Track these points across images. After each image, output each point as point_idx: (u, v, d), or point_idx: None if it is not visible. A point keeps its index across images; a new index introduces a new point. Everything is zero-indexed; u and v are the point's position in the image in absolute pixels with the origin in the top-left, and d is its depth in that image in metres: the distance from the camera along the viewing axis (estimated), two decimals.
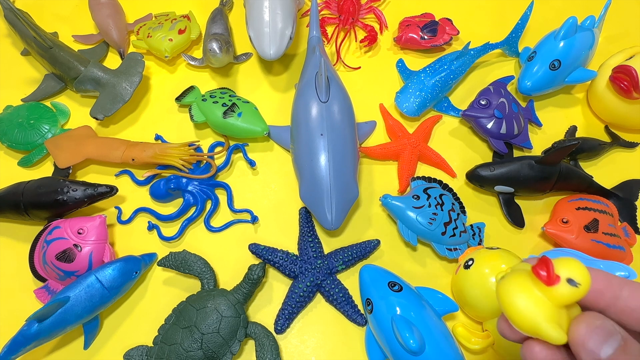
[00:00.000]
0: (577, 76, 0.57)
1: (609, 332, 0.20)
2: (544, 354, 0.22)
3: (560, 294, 0.21)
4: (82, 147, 0.54)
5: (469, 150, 0.57)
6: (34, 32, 0.57)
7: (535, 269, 0.21)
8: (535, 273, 0.21)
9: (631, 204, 0.53)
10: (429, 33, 0.62)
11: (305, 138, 0.49)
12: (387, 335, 0.40)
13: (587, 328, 0.20)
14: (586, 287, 0.20)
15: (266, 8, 0.55)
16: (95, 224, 0.47)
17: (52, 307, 0.42)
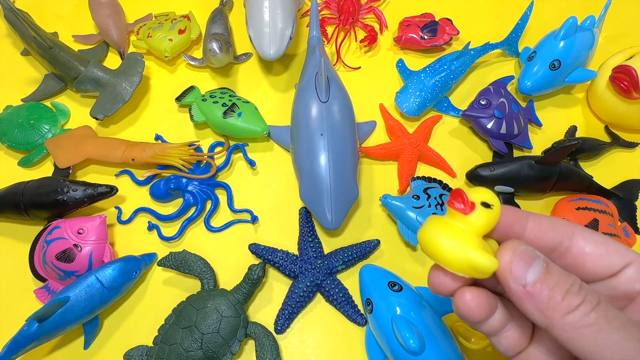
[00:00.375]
0: (577, 76, 0.57)
1: (532, 256, 0.20)
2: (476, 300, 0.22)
3: (480, 219, 0.21)
4: (82, 147, 0.54)
5: (469, 150, 0.57)
6: (34, 32, 0.57)
7: (451, 202, 0.21)
8: (452, 206, 0.21)
9: (631, 204, 0.53)
10: (429, 33, 0.62)
11: (305, 138, 0.49)
12: (387, 335, 0.40)
13: (512, 254, 0.20)
14: (498, 207, 0.21)
15: (266, 8, 0.55)
16: (95, 224, 0.47)
17: (52, 307, 0.42)
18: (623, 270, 0.21)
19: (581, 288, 0.19)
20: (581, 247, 0.21)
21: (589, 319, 0.18)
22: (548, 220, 0.22)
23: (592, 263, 0.21)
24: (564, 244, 0.21)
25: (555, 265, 0.20)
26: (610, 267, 0.21)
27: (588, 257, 0.21)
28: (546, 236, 0.22)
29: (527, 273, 0.20)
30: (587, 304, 0.19)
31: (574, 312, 0.19)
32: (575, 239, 0.21)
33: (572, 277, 0.20)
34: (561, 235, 0.21)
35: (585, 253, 0.21)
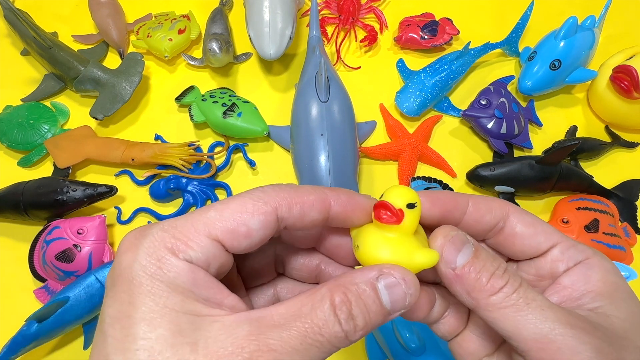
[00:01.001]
0: (577, 76, 0.57)
1: (462, 241, 0.21)
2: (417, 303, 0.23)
3: (409, 222, 0.21)
4: (81, 147, 0.54)
5: (469, 150, 0.57)
6: (33, 32, 0.57)
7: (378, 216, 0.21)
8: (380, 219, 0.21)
9: (631, 204, 0.53)
10: (429, 33, 0.62)
11: (305, 138, 0.49)
12: (387, 336, 0.40)
13: (443, 239, 0.21)
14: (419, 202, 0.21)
15: (266, 8, 0.55)
16: (95, 224, 0.47)
17: (52, 307, 0.42)
18: (549, 251, 0.22)
19: (505, 272, 0.20)
20: (512, 226, 0.22)
21: (510, 300, 0.19)
22: (485, 203, 0.23)
23: (520, 242, 0.22)
24: (499, 224, 0.23)
25: (484, 249, 0.21)
26: (537, 247, 0.22)
27: (517, 237, 0.22)
28: (484, 219, 0.22)
29: (456, 257, 0.21)
30: (510, 286, 0.20)
31: (497, 293, 0.20)
32: (508, 220, 0.22)
33: (498, 261, 0.21)
34: (497, 217, 0.22)
35: (515, 233, 0.22)
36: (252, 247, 0.20)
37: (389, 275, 0.19)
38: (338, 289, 0.19)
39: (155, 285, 0.17)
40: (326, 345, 0.18)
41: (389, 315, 0.19)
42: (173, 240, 0.18)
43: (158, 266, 0.18)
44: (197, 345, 0.17)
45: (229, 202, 0.20)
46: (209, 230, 0.19)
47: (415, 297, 0.20)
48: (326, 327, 0.18)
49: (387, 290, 0.19)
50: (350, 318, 0.18)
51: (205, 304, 0.18)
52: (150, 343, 0.16)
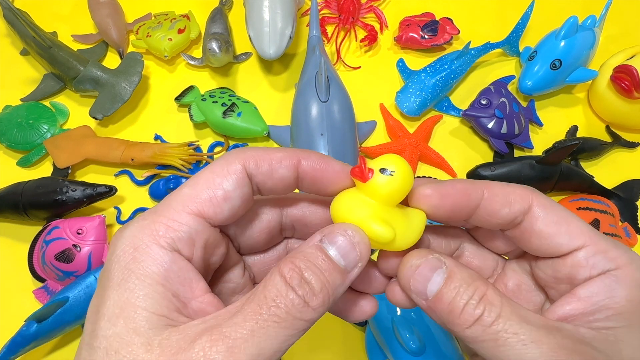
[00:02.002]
0: (578, 76, 0.56)
1: (431, 268, 0.19)
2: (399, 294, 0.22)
3: (377, 186, 0.20)
4: (81, 147, 0.54)
5: (469, 150, 0.57)
6: (33, 31, 0.57)
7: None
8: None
9: (632, 204, 0.53)
10: (429, 32, 0.62)
11: (305, 138, 0.49)
12: (388, 336, 0.40)
13: (409, 271, 0.20)
14: (402, 173, 0.20)
15: (266, 7, 0.55)
16: (95, 224, 0.47)
17: (51, 307, 0.42)
18: (572, 254, 0.19)
19: (482, 299, 0.18)
20: (531, 223, 0.20)
21: (487, 333, 0.18)
22: (504, 195, 0.20)
23: (538, 242, 0.20)
24: (517, 219, 0.20)
25: (458, 271, 0.19)
26: (557, 249, 0.19)
27: (535, 235, 0.20)
28: (499, 214, 0.20)
29: (426, 288, 0.19)
30: (487, 317, 0.18)
31: (473, 326, 0.18)
32: (529, 214, 0.20)
33: (474, 285, 0.19)
34: (515, 212, 0.20)
35: (533, 230, 0.20)
36: (235, 210, 0.19)
37: (331, 232, 0.19)
38: (285, 261, 0.18)
39: (125, 276, 0.17)
40: (287, 319, 0.17)
41: (348, 274, 0.19)
42: (154, 226, 0.18)
43: (133, 256, 0.17)
44: (151, 345, 0.16)
45: (199, 175, 0.19)
46: (188, 207, 0.18)
47: (366, 246, 0.19)
48: (280, 298, 0.17)
49: (334, 246, 0.18)
50: (304, 282, 0.17)
51: (170, 302, 0.17)
52: (108, 341, 0.16)
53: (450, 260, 0.20)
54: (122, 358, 0.16)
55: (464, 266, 0.20)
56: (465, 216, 0.21)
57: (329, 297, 0.18)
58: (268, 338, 0.16)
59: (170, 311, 0.17)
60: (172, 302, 0.17)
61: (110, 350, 0.16)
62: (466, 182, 0.21)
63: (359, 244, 0.19)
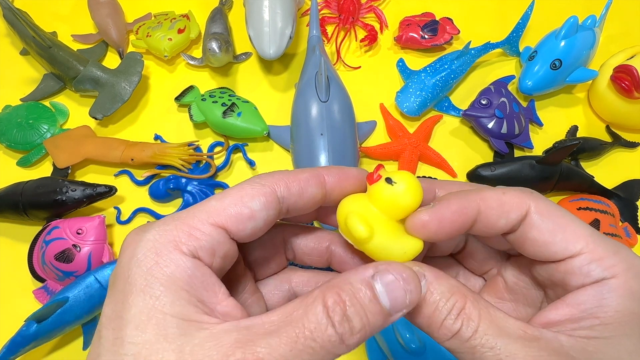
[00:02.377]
0: (578, 76, 0.56)
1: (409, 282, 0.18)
2: None
3: (378, 192, 0.20)
4: (81, 147, 0.53)
5: (469, 150, 0.57)
6: (32, 31, 0.57)
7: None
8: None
9: (632, 204, 0.53)
10: (429, 32, 0.62)
11: (305, 138, 0.49)
12: (388, 336, 0.40)
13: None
14: (405, 187, 0.20)
15: (266, 7, 0.55)
16: (94, 224, 0.47)
17: (51, 307, 0.42)
18: (566, 260, 0.19)
19: (461, 312, 0.18)
20: (525, 230, 0.20)
21: (465, 346, 0.18)
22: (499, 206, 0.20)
23: (532, 249, 0.20)
24: (514, 227, 0.20)
25: (438, 285, 0.19)
26: (552, 256, 0.19)
27: (529, 242, 0.20)
28: (496, 226, 0.20)
29: (405, 301, 0.19)
30: (465, 331, 0.18)
31: (451, 339, 0.18)
32: (524, 222, 0.20)
33: (453, 299, 0.19)
34: (512, 222, 0.20)
35: (527, 238, 0.20)
36: (256, 231, 0.20)
37: (385, 271, 0.18)
38: (331, 290, 0.17)
39: (149, 282, 0.17)
40: (320, 352, 0.16)
41: (390, 317, 0.18)
42: (176, 232, 0.18)
43: (155, 261, 0.17)
44: (183, 352, 0.16)
45: (229, 191, 0.20)
46: (213, 218, 0.19)
47: (417, 295, 0.18)
48: (318, 331, 0.16)
49: (385, 288, 0.18)
50: (345, 319, 0.17)
51: (197, 307, 0.17)
52: (137, 348, 0.16)
53: (431, 272, 0.19)
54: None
55: (444, 277, 0.19)
56: (464, 233, 0.21)
57: (365, 337, 0.18)
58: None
59: (199, 315, 0.17)
60: (198, 307, 0.17)
61: (140, 358, 0.16)
62: (460, 198, 0.20)
63: (410, 292, 0.18)
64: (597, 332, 0.18)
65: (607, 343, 0.18)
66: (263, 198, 0.20)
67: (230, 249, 0.19)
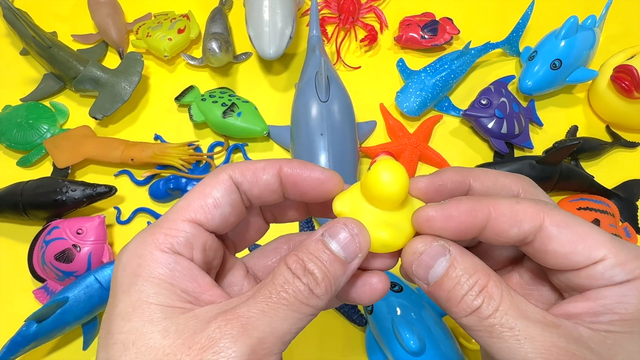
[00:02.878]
0: (578, 76, 0.56)
1: (434, 255, 0.20)
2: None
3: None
4: (81, 147, 0.54)
5: (469, 150, 0.57)
6: (32, 31, 0.57)
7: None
8: None
9: (632, 204, 0.53)
10: (429, 32, 0.62)
11: (305, 138, 0.49)
12: (388, 336, 0.40)
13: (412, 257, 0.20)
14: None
15: (266, 7, 0.55)
16: (94, 224, 0.47)
17: (51, 307, 0.42)
18: (588, 267, 0.19)
19: (483, 291, 0.18)
20: (543, 242, 0.19)
21: (483, 324, 0.18)
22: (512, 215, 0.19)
23: (553, 260, 0.19)
24: (527, 238, 0.20)
25: (462, 260, 0.19)
26: (573, 266, 0.19)
27: (549, 254, 0.19)
28: (507, 234, 0.20)
29: (428, 275, 0.20)
30: (485, 309, 0.18)
31: (470, 316, 0.19)
32: (540, 235, 0.19)
33: (476, 276, 0.19)
34: (525, 232, 0.19)
35: (547, 250, 0.19)
36: (226, 216, 0.21)
37: (331, 227, 0.20)
38: (290, 254, 0.19)
39: (133, 281, 0.18)
40: (294, 302, 0.18)
41: (348, 264, 0.20)
42: (154, 235, 0.20)
43: (138, 263, 0.19)
44: (168, 331, 0.17)
45: (192, 189, 0.21)
46: (183, 215, 0.20)
47: (365, 238, 0.20)
48: (287, 284, 0.18)
49: (334, 239, 0.20)
50: (307, 272, 0.19)
51: (180, 297, 0.19)
52: (125, 336, 0.17)
53: (456, 248, 0.20)
54: (139, 348, 0.17)
55: (469, 255, 0.20)
56: (471, 237, 0.20)
57: (331, 286, 0.19)
58: (278, 318, 0.18)
59: (183, 303, 0.18)
60: (182, 297, 0.19)
61: (128, 343, 0.17)
62: (471, 200, 0.20)
63: (357, 236, 0.20)
64: (616, 327, 0.18)
65: (626, 338, 0.18)
66: (222, 185, 0.21)
67: (207, 240, 0.21)
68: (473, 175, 0.22)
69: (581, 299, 0.19)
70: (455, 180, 0.22)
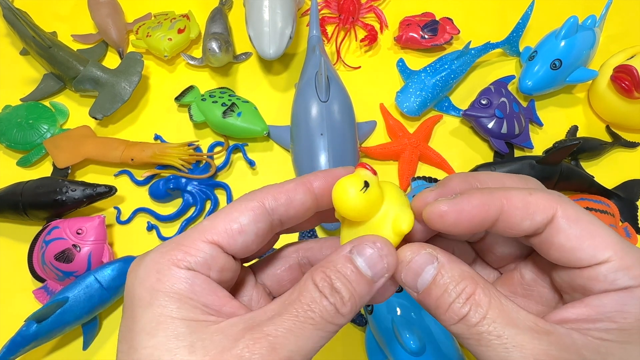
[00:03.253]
0: (578, 76, 0.56)
1: (422, 265, 0.20)
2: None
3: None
4: (81, 147, 0.53)
5: (469, 150, 0.57)
6: (32, 31, 0.57)
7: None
8: None
9: (632, 204, 0.53)
10: (429, 32, 0.62)
11: (305, 138, 0.49)
12: (388, 337, 0.40)
13: (401, 264, 0.20)
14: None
15: (266, 7, 0.55)
16: (94, 224, 0.47)
17: (51, 307, 0.42)
18: (592, 267, 0.18)
19: (470, 298, 0.18)
20: (551, 234, 0.19)
21: (471, 332, 0.18)
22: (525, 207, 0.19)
23: (557, 254, 0.19)
24: (539, 230, 0.19)
25: (449, 269, 0.19)
26: (577, 263, 0.19)
27: (554, 248, 0.19)
28: (519, 227, 0.19)
29: (416, 282, 0.20)
30: (472, 317, 0.18)
31: (457, 324, 0.18)
32: (550, 226, 0.19)
33: (463, 284, 0.19)
34: (537, 224, 0.19)
35: (553, 242, 0.19)
36: (248, 244, 0.21)
37: (360, 244, 0.20)
38: (317, 270, 0.19)
39: (154, 296, 0.18)
40: (320, 322, 0.18)
41: (374, 283, 0.20)
42: (173, 252, 0.19)
43: (157, 278, 0.19)
44: (194, 347, 0.17)
45: (220, 210, 0.21)
46: (205, 236, 0.20)
47: (392, 258, 0.20)
48: (314, 304, 0.18)
49: (362, 258, 0.19)
50: (334, 291, 0.19)
51: (203, 310, 0.19)
52: (150, 351, 0.17)
53: (444, 255, 0.20)
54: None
55: (457, 262, 0.20)
56: (483, 230, 0.20)
57: (357, 305, 0.19)
58: (305, 338, 0.18)
59: (206, 316, 0.19)
60: (204, 311, 0.19)
61: (153, 358, 0.17)
62: (483, 193, 0.20)
63: (386, 256, 0.20)
64: (612, 336, 0.18)
65: (621, 347, 0.18)
66: (251, 212, 0.21)
67: (226, 262, 0.20)
68: (479, 180, 0.22)
69: (579, 305, 0.19)
70: (462, 188, 0.21)
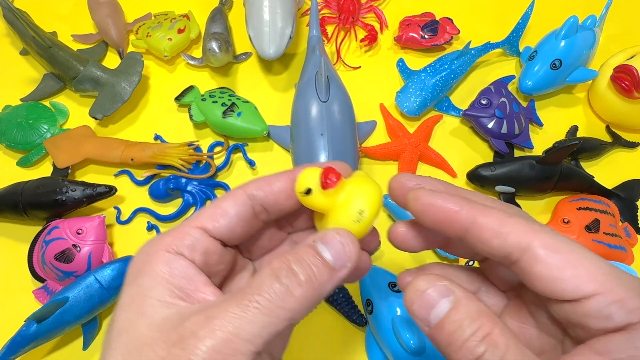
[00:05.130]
0: (578, 76, 0.56)
1: (436, 298, 0.19)
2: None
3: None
4: (81, 147, 0.54)
5: (469, 150, 0.57)
6: (32, 31, 0.57)
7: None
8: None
9: (632, 204, 0.53)
10: (429, 32, 0.62)
11: (305, 138, 0.49)
12: (388, 336, 0.40)
13: (413, 295, 0.20)
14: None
15: (266, 7, 0.55)
16: (94, 224, 0.47)
17: (51, 307, 0.42)
18: (582, 301, 0.17)
19: (485, 338, 0.17)
20: (529, 264, 0.18)
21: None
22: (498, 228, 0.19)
23: (540, 285, 0.18)
24: (512, 255, 0.18)
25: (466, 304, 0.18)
26: (562, 295, 0.18)
27: (535, 278, 0.18)
28: (490, 243, 0.19)
29: (429, 315, 0.19)
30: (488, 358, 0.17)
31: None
32: (527, 255, 0.18)
33: (479, 322, 0.18)
34: (508, 248, 0.18)
35: (533, 273, 0.18)
36: (232, 226, 0.22)
37: (324, 235, 0.21)
38: (278, 258, 0.20)
39: (136, 276, 0.21)
40: (268, 306, 0.18)
41: (335, 271, 0.20)
42: (166, 238, 0.22)
43: (144, 260, 0.21)
44: (153, 323, 0.19)
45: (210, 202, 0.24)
46: (194, 223, 0.22)
47: (354, 246, 0.20)
48: (264, 286, 0.19)
49: (325, 246, 0.20)
50: (290, 272, 0.19)
51: (173, 293, 0.20)
52: (121, 324, 0.20)
53: (461, 291, 0.19)
54: (129, 335, 0.19)
55: (475, 299, 0.19)
56: (453, 233, 0.21)
57: (314, 291, 0.19)
58: (247, 321, 0.18)
59: (174, 299, 0.20)
60: (175, 293, 0.20)
61: (121, 330, 0.19)
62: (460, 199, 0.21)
63: (348, 245, 0.20)
64: None
65: None
66: (233, 198, 0.23)
67: (211, 245, 0.22)
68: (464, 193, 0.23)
69: (588, 352, 0.18)
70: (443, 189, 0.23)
